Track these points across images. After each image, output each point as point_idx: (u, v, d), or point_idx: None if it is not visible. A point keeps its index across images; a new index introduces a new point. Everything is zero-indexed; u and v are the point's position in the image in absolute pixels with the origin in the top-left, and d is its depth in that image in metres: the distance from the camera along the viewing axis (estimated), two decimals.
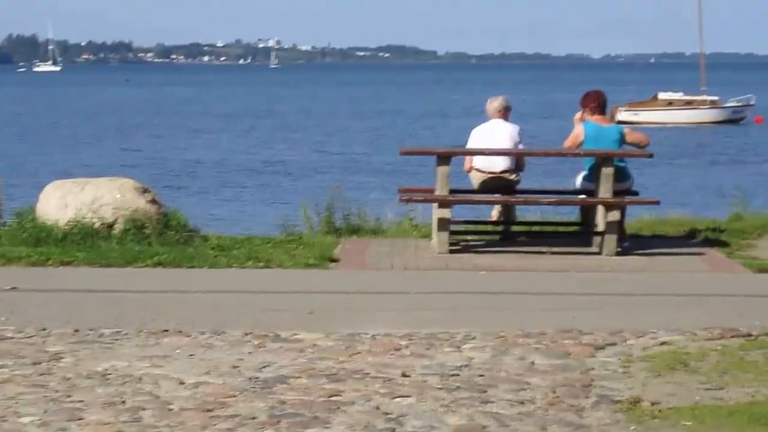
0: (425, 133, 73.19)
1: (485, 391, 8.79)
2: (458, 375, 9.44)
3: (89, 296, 14.44)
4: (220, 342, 11.22)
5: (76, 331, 11.68)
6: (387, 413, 8.05)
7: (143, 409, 8.43)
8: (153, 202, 18.26)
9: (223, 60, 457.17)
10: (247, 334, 11.60)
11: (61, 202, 18.12)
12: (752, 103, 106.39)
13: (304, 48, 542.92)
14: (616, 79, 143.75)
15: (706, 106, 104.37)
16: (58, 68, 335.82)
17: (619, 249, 17.56)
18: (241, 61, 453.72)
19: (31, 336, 11.60)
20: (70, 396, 8.96)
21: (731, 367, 9.77)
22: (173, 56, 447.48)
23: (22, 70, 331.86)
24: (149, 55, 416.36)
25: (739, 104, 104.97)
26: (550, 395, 8.67)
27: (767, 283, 16.11)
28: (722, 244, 18.93)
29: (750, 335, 11.46)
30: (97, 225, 17.75)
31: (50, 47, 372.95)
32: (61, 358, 10.51)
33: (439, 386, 8.94)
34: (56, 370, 9.98)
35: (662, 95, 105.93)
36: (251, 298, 14.25)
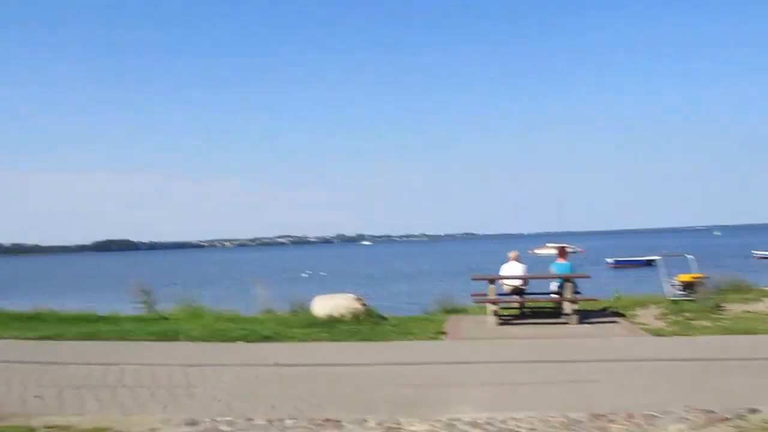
0: (478, 265, 67.42)
1: None
2: None
3: (319, 370, 8.58)
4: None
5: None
6: None
7: None
8: (363, 304, 13.31)
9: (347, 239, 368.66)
10: (378, 425, 5.89)
11: (321, 305, 13.59)
12: (580, 247, 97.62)
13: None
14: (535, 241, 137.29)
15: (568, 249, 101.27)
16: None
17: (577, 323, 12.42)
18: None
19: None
20: None
21: None
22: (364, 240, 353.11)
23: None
24: (367, 240, 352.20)
25: (577, 247, 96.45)
26: None
27: (667, 346, 9.96)
28: (621, 315, 13.29)
29: (726, 419, 5.63)
30: (337, 316, 13.34)
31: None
32: None
33: None
34: None
35: (548, 244, 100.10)
36: (396, 372, 8.29)
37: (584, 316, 12.97)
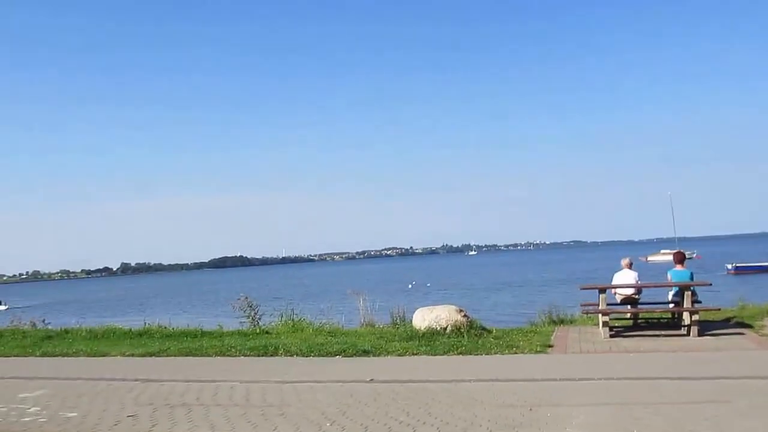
0: (586, 273, 64.52)
1: None
2: None
3: (416, 387, 7.93)
4: None
5: None
6: None
7: None
8: (465, 315, 12.61)
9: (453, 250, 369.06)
10: None
11: (421, 317, 12.89)
12: (696, 252, 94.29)
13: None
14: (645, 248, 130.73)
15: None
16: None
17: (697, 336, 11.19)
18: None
19: None
20: None
21: None
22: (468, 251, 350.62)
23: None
24: (472, 250, 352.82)
25: (693, 253, 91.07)
26: None
27: None
28: (747, 326, 12.04)
29: None
30: (438, 329, 12.52)
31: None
32: None
33: None
34: None
35: (663, 251, 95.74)
36: (498, 389, 7.48)
37: (705, 327, 11.86)
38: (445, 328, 12.53)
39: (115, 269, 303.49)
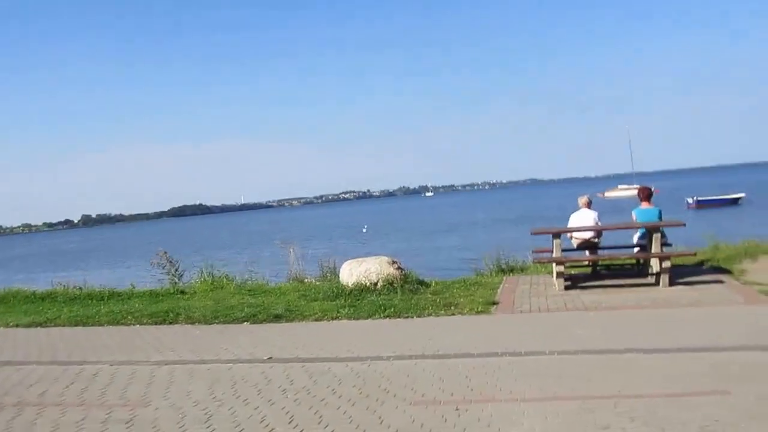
0: (542, 211, 62.37)
1: None
2: None
3: (319, 369, 6.13)
4: None
5: None
6: None
7: None
8: (398, 268, 10.97)
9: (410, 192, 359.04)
10: None
11: (349, 272, 11.17)
12: (654, 186, 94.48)
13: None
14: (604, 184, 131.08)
15: (635, 188, 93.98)
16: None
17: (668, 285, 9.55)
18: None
19: None
20: None
21: None
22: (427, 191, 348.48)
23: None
24: (429, 191, 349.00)
25: (652, 187, 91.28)
26: None
27: None
28: (725, 271, 10.53)
29: None
30: (368, 284, 10.74)
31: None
32: None
33: None
34: None
35: (620, 186, 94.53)
36: (421, 371, 5.72)
37: (675, 273, 10.14)
38: (376, 284, 10.81)
39: (76, 221, 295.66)
